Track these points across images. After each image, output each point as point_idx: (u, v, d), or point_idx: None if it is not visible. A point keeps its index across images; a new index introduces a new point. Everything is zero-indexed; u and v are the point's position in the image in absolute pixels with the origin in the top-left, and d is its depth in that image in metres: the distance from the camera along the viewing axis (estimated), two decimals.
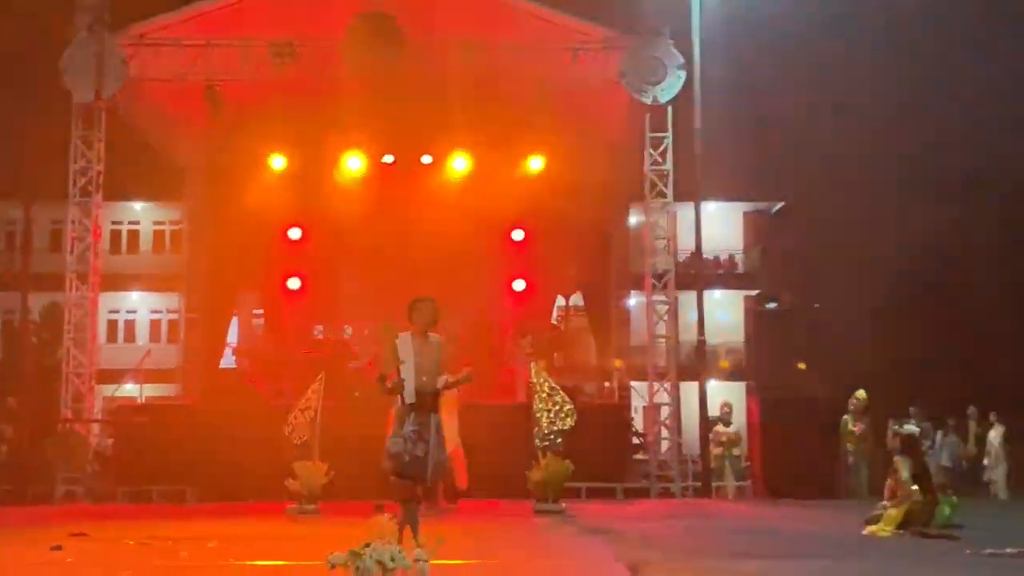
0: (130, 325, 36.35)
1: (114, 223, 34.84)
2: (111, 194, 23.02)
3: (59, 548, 9.52)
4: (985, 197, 45.36)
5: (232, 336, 26.83)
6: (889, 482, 12.10)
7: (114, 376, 25.84)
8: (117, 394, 24.83)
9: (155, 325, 36.04)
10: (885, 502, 11.91)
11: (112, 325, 35.28)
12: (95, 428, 21.09)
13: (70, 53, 19.87)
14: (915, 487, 11.60)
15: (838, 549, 9.72)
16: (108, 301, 30.14)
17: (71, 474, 19.25)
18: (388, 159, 23.64)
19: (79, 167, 20.36)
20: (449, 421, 12.70)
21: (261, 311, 27.36)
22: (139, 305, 36.16)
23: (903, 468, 11.81)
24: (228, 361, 25.02)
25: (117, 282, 31.76)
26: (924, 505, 11.49)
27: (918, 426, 20.42)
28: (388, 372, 8.68)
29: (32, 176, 22.68)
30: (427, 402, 8.64)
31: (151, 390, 25.71)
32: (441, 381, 8.68)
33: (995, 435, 20.82)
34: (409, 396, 8.55)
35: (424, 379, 8.61)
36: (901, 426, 14.18)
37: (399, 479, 8.57)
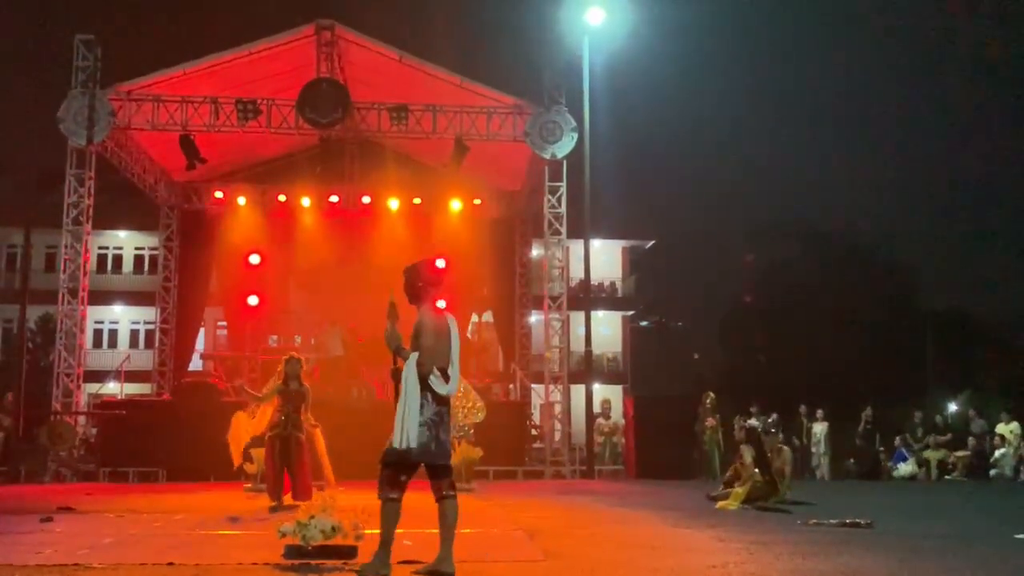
0: (113, 333, 35.82)
1: (101, 248, 34.36)
2: (99, 224, 22.67)
3: (49, 519, 9.31)
4: (807, 240, 46.75)
5: (200, 343, 26.49)
6: (736, 465, 12.29)
7: (98, 376, 25.22)
8: (101, 391, 24.30)
9: (134, 334, 35.50)
10: (734, 483, 12.08)
11: (98, 333, 34.73)
12: (81, 419, 20.68)
13: (66, 105, 19.50)
14: (756, 470, 11.79)
15: (697, 518, 9.83)
16: (94, 313, 29.60)
17: (60, 458, 18.76)
18: (334, 199, 23.68)
19: (72, 201, 19.90)
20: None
21: (224, 323, 27.05)
22: (121, 317, 35.64)
23: (747, 454, 11.98)
24: (196, 364, 24.66)
25: (102, 297, 31.33)
26: (763, 485, 11.67)
27: (766, 419, 20.84)
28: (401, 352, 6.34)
29: (31, 207, 22.33)
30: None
31: (130, 388, 25.15)
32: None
33: (820, 429, 21.17)
34: (452, 387, 6.22)
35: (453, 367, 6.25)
36: (745, 421, 14.44)
37: (392, 470, 6.10)
